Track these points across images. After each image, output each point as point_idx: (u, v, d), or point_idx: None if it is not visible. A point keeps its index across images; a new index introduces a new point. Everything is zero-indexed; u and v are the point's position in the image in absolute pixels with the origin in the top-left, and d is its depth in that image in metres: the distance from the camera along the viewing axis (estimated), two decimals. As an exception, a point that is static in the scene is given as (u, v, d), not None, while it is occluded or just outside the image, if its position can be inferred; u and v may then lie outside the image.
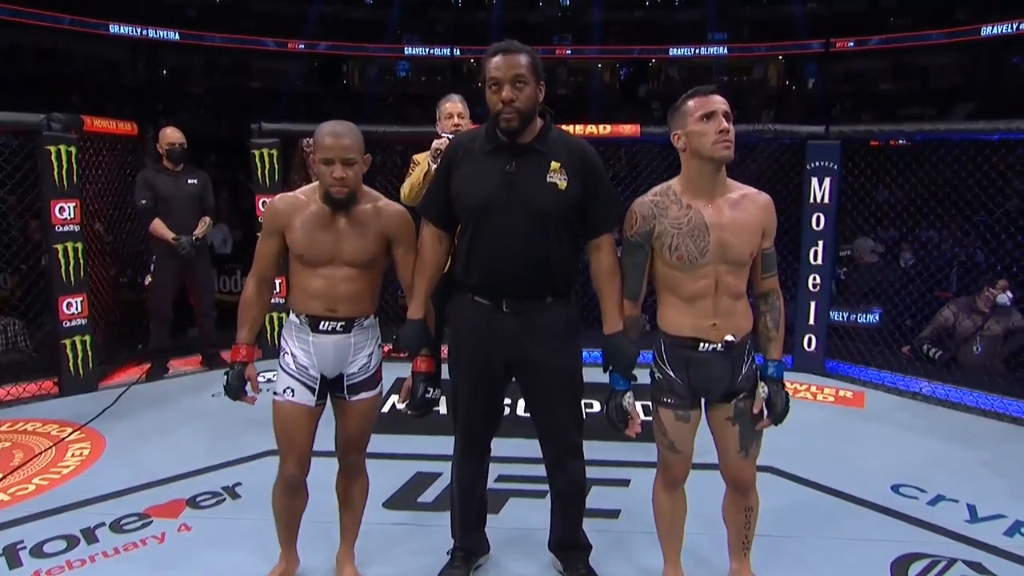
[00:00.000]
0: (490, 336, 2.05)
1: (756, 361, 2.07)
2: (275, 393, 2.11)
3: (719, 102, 1.91)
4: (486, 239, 1.99)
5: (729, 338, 1.97)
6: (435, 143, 3.31)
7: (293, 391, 2.09)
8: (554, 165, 1.97)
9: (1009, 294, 4.52)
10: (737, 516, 2.16)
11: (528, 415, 2.21)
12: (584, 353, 2.18)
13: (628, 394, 2.04)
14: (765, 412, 2.02)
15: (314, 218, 2.03)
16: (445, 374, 2.25)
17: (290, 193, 2.13)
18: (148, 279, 4.40)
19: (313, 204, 2.05)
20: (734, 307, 1.99)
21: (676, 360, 2.01)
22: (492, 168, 1.97)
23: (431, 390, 2.13)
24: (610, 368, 2.06)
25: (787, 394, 2.04)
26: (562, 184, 1.97)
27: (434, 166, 3.27)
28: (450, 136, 3.27)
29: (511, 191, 1.96)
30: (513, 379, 2.15)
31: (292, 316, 2.11)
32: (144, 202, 4.29)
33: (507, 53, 1.92)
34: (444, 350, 2.22)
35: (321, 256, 2.03)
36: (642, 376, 2.08)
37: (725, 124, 1.90)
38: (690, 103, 1.94)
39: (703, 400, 2.07)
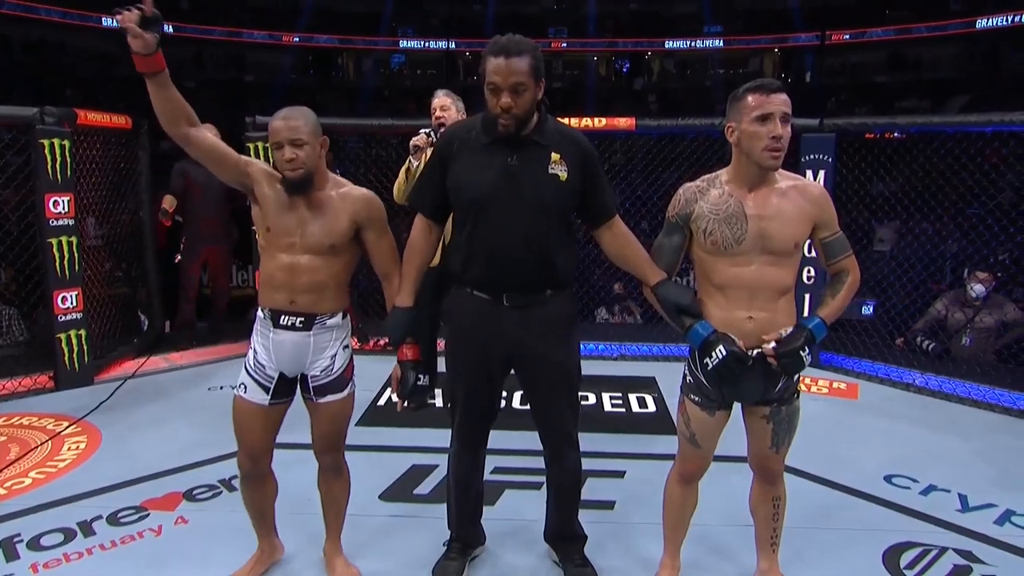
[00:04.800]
0: (490, 330, 2.04)
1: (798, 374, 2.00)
2: (233, 387, 2.14)
3: (779, 103, 1.81)
4: (487, 233, 1.97)
5: (760, 349, 1.89)
6: (412, 140, 3.36)
7: (246, 387, 2.10)
8: (554, 157, 1.95)
9: (981, 286, 4.55)
10: (765, 507, 2.15)
11: (523, 407, 2.22)
12: (581, 346, 2.19)
13: (717, 343, 1.87)
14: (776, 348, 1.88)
15: (279, 197, 2.02)
16: (441, 367, 2.25)
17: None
18: (178, 257, 4.84)
19: (280, 183, 2.03)
20: (774, 303, 1.92)
21: (706, 368, 1.95)
22: (492, 161, 1.95)
23: (421, 377, 2.09)
24: (683, 324, 1.95)
25: (804, 352, 1.86)
26: (563, 175, 1.96)
27: (414, 162, 3.32)
28: (427, 132, 3.32)
29: (513, 184, 1.94)
30: (511, 372, 2.15)
31: (259, 312, 2.10)
32: (175, 190, 4.76)
33: (508, 56, 1.83)
34: (440, 344, 2.22)
35: (284, 236, 2.01)
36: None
37: (780, 130, 1.81)
38: (749, 98, 1.84)
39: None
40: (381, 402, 3.83)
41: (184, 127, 1.94)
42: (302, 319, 2.03)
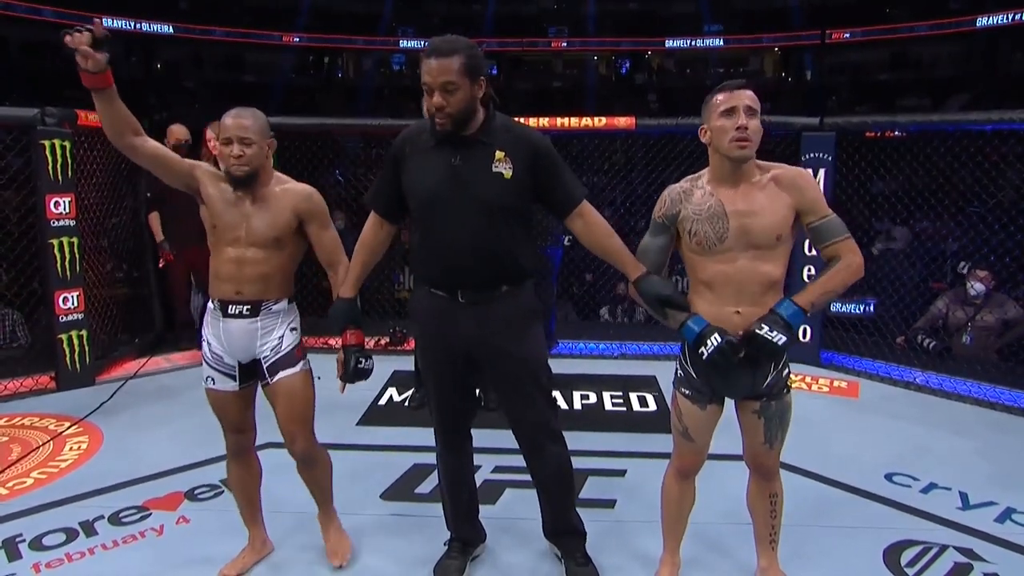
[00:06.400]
0: (449, 328, 2.07)
1: (788, 369, 2.03)
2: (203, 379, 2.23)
3: (743, 97, 1.88)
4: (437, 232, 2.01)
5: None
6: None
7: (213, 380, 2.20)
8: (498, 155, 1.97)
9: (981, 284, 4.55)
10: (762, 503, 2.16)
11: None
12: (580, 345, 2.19)
13: (712, 332, 1.88)
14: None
15: (224, 194, 2.13)
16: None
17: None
18: (162, 262, 4.66)
19: (223, 183, 2.14)
20: (762, 298, 1.95)
21: (698, 360, 1.97)
22: (438, 162, 1.98)
23: (363, 360, 2.17)
24: (669, 318, 1.98)
25: (766, 332, 1.86)
26: (507, 173, 1.97)
27: None
28: None
29: (458, 184, 1.96)
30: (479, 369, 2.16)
31: (209, 304, 2.21)
32: (149, 194, 4.62)
33: (439, 57, 1.86)
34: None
35: (230, 231, 2.11)
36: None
37: (743, 121, 1.86)
38: (716, 97, 1.91)
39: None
40: (382, 402, 3.84)
41: (130, 138, 2.03)
42: (249, 306, 2.13)
